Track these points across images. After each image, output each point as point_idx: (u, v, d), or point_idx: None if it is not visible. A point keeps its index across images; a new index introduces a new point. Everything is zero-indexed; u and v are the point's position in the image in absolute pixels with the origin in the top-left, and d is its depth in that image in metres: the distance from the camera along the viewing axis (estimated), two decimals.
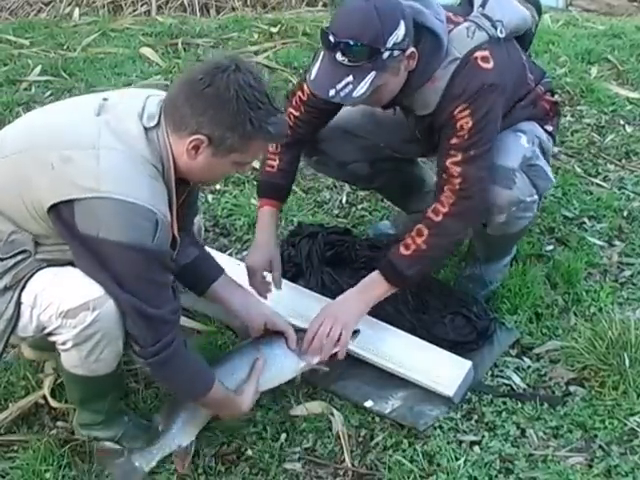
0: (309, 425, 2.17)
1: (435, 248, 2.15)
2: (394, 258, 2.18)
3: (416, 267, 2.16)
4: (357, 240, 2.72)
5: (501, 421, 2.18)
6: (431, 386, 2.22)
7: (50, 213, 1.70)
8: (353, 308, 2.22)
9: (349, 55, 1.96)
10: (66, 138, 1.74)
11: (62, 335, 1.78)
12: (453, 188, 2.11)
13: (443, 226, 2.13)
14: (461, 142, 2.10)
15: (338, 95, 2.00)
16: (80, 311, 1.73)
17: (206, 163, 1.79)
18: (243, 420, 2.14)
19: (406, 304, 2.46)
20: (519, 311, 2.52)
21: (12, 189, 1.75)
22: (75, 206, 1.66)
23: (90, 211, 1.66)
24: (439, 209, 2.13)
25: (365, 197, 3.17)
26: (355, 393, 2.24)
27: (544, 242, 2.84)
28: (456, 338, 2.35)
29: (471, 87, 2.07)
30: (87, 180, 1.67)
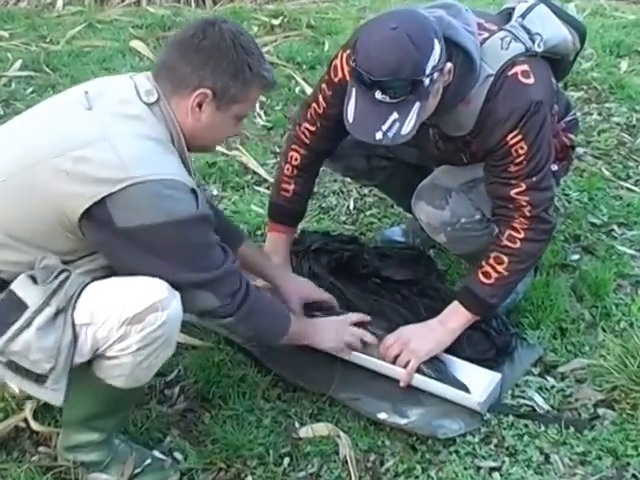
0: (314, 448, 2.18)
1: (517, 273, 2.26)
2: (475, 287, 2.27)
3: (499, 294, 2.28)
4: (365, 248, 2.74)
5: (523, 446, 2.18)
6: (457, 396, 2.24)
7: (82, 221, 1.71)
8: (428, 337, 2.29)
9: (390, 92, 1.93)
10: (69, 140, 1.75)
11: (121, 343, 1.79)
12: (525, 214, 2.19)
13: (523, 251, 2.22)
14: (520, 170, 2.15)
15: (386, 137, 1.97)
16: (147, 314, 1.77)
17: (210, 121, 1.87)
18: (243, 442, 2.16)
19: (418, 317, 2.47)
20: (542, 326, 2.53)
21: (25, 213, 1.75)
22: (108, 203, 1.68)
23: (127, 202, 1.69)
24: (515, 236, 2.21)
25: (374, 203, 3.19)
26: (367, 405, 2.26)
27: (569, 251, 2.86)
28: (473, 355, 2.36)
29: (518, 110, 2.09)
30: (112, 172, 1.69)
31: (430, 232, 2.41)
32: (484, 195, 2.30)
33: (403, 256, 2.76)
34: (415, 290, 2.59)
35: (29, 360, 1.74)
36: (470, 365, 2.33)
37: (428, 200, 2.35)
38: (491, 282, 2.24)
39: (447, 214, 2.33)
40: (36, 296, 1.74)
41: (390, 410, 2.24)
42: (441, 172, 2.40)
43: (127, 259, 1.77)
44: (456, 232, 2.35)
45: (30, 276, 1.76)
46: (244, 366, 2.41)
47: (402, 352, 2.27)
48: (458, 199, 2.33)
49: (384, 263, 2.69)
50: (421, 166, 2.55)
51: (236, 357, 2.41)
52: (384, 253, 2.75)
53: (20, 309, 1.74)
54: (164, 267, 1.77)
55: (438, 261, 2.81)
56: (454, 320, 2.31)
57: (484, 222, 2.35)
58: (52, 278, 1.75)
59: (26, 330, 1.73)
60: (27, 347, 1.73)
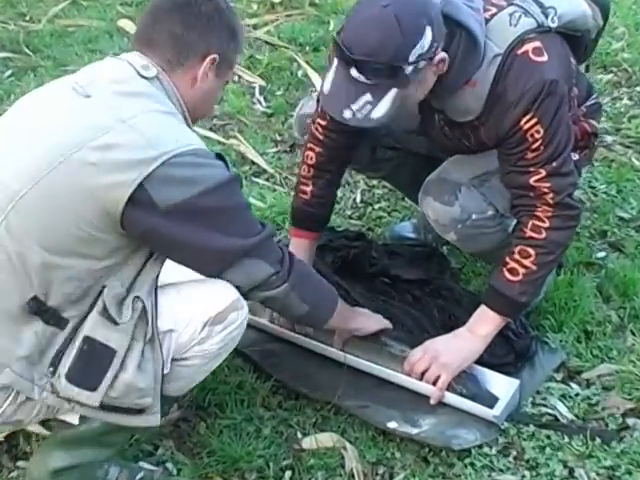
0: (318, 461, 2.18)
1: (546, 265, 2.24)
2: (502, 287, 2.25)
3: (529, 290, 2.26)
4: (373, 245, 2.75)
5: (545, 458, 2.18)
6: (472, 406, 2.24)
7: (125, 211, 1.71)
8: (459, 348, 2.28)
9: (366, 73, 1.96)
10: (83, 131, 1.74)
11: (203, 345, 1.89)
12: (547, 202, 2.19)
13: (550, 241, 2.21)
14: (539, 156, 2.15)
15: (355, 117, 2.01)
16: (229, 313, 1.89)
17: (210, 89, 1.94)
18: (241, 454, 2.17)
19: (431, 319, 2.48)
20: (565, 328, 2.53)
21: (58, 220, 1.72)
22: (146, 185, 1.70)
23: (164, 179, 1.71)
24: (539, 225, 2.20)
25: (383, 195, 3.20)
26: (376, 413, 2.27)
27: (595, 248, 2.86)
28: (490, 360, 2.36)
29: (531, 90, 2.08)
30: (143, 152, 1.71)
31: (439, 230, 2.39)
32: (497, 189, 2.31)
33: (414, 253, 2.76)
34: (427, 290, 2.59)
35: (129, 400, 1.81)
36: (486, 371, 2.33)
37: (436, 195, 2.33)
38: (519, 279, 2.23)
39: (457, 210, 2.31)
40: (120, 338, 1.77)
41: (400, 419, 2.24)
42: (450, 165, 2.39)
43: (176, 240, 1.78)
44: (467, 229, 2.34)
45: (101, 314, 1.77)
46: (242, 372, 2.41)
47: (431, 366, 2.26)
48: (468, 194, 2.32)
49: (393, 261, 2.69)
50: (431, 156, 2.56)
51: (234, 362, 2.41)
52: (393, 250, 2.76)
53: (107, 355, 1.77)
54: (214, 238, 1.80)
55: (452, 259, 2.81)
56: (484, 326, 2.29)
57: (497, 218, 2.35)
58: (130, 312, 1.78)
59: (122, 374, 1.78)
60: (127, 390, 1.79)
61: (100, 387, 1.76)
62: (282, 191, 3.22)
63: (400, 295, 2.58)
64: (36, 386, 1.77)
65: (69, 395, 1.77)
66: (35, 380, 1.76)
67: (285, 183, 3.29)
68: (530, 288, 2.25)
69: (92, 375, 1.77)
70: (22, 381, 1.75)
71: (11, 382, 1.75)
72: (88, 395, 1.77)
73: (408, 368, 2.29)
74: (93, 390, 1.77)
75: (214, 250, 1.82)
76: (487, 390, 2.28)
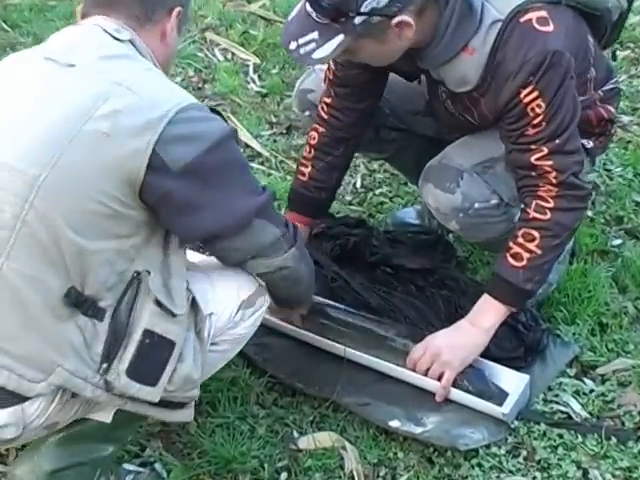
0: (316, 462, 2.18)
1: (551, 250, 2.23)
2: (505, 273, 2.24)
3: (534, 277, 2.24)
4: (374, 232, 2.74)
5: (557, 459, 2.18)
6: (479, 403, 2.24)
7: (145, 179, 1.72)
8: (461, 342, 2.28)
9: (316, 10, 2.00)
10: (83, 102, 1.74)
11: (236, 329, 2.01)
12: (551, 181, 2.18)
13: (555, 223, 2.20)
14: (540, 133, 2.14)
15: (297, 51, 2.04)
16: (257, 296, 2.01)
17: (172, 45, 1.97)
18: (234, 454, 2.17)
19: (436, 311, 2.48)
20: (578, 320, 2.53)
21: (81, 200, 1.72)
22: (157, 148, 1.71)
23: (172, 139, 1.73)
24: (543, 206, 2.19)
25: (385, 180, 3.19)
26: (377, 412, 2.26)
27: (610, 235, 2.86)
28: (499, 354, 2.35)
29: (532, 61, 2.07)
30: (150, 113, 1.73)
31: (440, 218, 2.39)
32: (502, 177, 2.30)
33: (417, 241, 2.76)
34: (431, 280, 2.58)
35: (181, 394, 1.86)
36: (494, 366, 2.32)
37: (436, 182, 2.33)
38: (523, 264, 2.22)
39: (458, 198, 2.30)
40: (178, 330, 1.82)
41: (403, 417, 2.24)
42: (452, 150, 2.38)
43: (190, 202, 1.79)
44: (469, 219, 2.33)
45: (157, 306, 1.79)
46: (235, 367, 2.40)
47: (433, 364, 2.26)
48: (471, 181, 2.31)
49: (396, 250, 2.69)
50: (437, 139, 2.56)
51: None
52: (396, 238, 2.75)
53: (167, 348, 1.81)
54: (227, 198, 1.83)
55: (458, 247, 2.81)
56: (487, 317, 2.28)
57: (502, 207, 2.34)
58: (185, 303, 1.84)
59: (179, 366, 1.82)
60: (184, 383, 1.84)
61: (160, 382, 1.79)
62: (278, 175, 3.22)
63: (403, 285, 2.58)
64: (89, 384, 1.76)
65: (129, 392, 1.78)
66: (88, 378, 1.76)
67: (281, 167, 3.28)
68: (535, 274, 2.24)
69: (153, 370, 1.80)
70: (75, 380, 1.74)
71: (64, 381, 1.74)
72: (148, 391, 1.79)
73: (410, 366, 2.30)
74: (153, 385, 1.79)
75: (228, 210, 1.83)
76: (495, 386, 2.27)
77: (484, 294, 2.30)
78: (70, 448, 1.95)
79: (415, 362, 2.28)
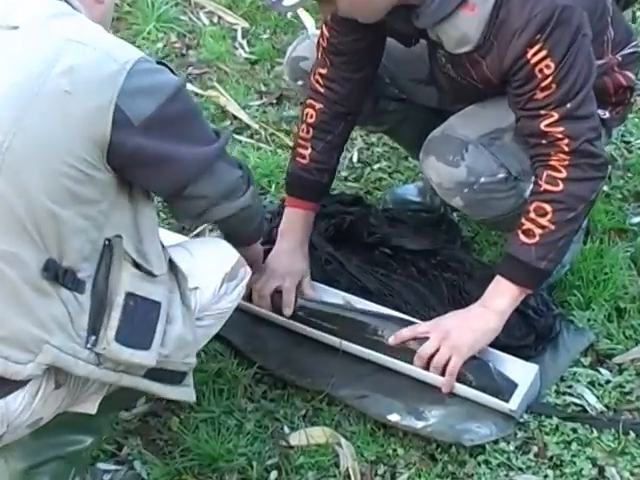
0: (308, 459, 2.18)
1: (566, 225, 2.22)
2: (517, 251, 2.24)
3: (549, 255, 2.23)
4: (372, 211, 2.74)
5: (570, 455, 2.18)
6: (484, 398, 2.23)
7: (112, 137, 1.75)
8: (471, 326, 2.28)
9: None
10: (37, 62, 1.75)
11: (220, 304, 2.08)
12: (563, 149, 2.17)
13: (569, 194, 2.19)
14: (550, 96, 2.12)
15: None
16: (239, 268, 2.11)
17: (108, 11, 2.00)
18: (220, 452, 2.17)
19: (439, 295, 2.47)
20: (594, 305, 2.52)
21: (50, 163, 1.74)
22: (119, 102, 1.75)
23: (132, 92, 1.77)
24: (555, 176, 2.18)
25: (384, 154, 3.18)
26: (375, 405, 2.26)
27: (629, 212, 2.85)
28: (507, 341, 2.35)
29: (538, 17, 2.05)
30: (107, 66, 1.76)
31: (443, 195, 2.38)
32: (510, 149, 2.30)
33: (419, 220, 2.75)
34: (434, 262, 2.58)
35: (178, 359, 1.91)
36: (502, 355, 2.32)
37: (439, 155, 2.31)
38: (535, 241, 2.20)
39: (463, 172, 2.29)
40: (161, 290, 1.87)
41: (403, 410, 2.24)
42: (456, 120, 2.37)
43: (157, 159, 1.85)
44: (475, 194, 2.31)
45: (136, 268, 1.84)
46: (221, 357, 2.40)
47: (441, 347, 2.25)
48: (477, 154, 2.29)
49: (395, 229, 2.69)
50: (440, 111, 2.54)
51: (211, 346, 2.39)
52: (395, 217, 2.75)
53: (153, 309, 1.86)
54: (189, 147, 1.89)
55: (463, 226, 2.81)
56: (500, 299, 2.27)
57: (510, 181, 2.32)
58: (163, 264, 1.89)
59: (170, 326, 1.88)
60: (178, 344, 1.89)
61: (153, 344, 1.83)
62: (268, 149, 3.20)
63: (403, 268, 2.58)
64: (80, 360, 1.78)
65: (121, 358, 1.80)
66: (77, 353, 1.78)
67: (271, 140, 3.26)
68: (549, 252, 2.22)
69: (143, 332, 1.83)
70: (64, 356, 1.76)
71: (54, 359, 1.75)
72: (143, 355, 1.82)
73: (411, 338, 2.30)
74: (147, 349, 1.83)
75: (192, 158, 1.89)
76: (502, 378, 2.27)
77: (496, 276, 2.29)
78: (46, 441, 1.96)
79: (416, 335, 2.29)
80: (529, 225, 2.21)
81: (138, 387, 1.88)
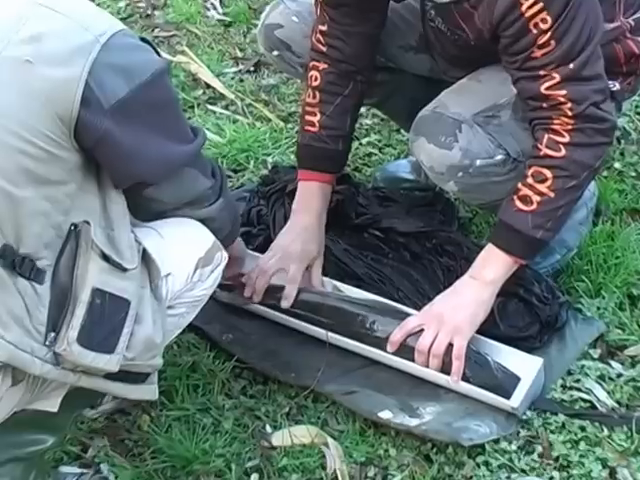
0: (292, 461, 2.19)
1: (567, 193, 2.23)
2: (512, 218, 2.25)
3: (547, 224, 2.24)
4: (360, 189, 2.75)
5: (578, 456, 2.19)
6: (483, 394, 2.25)
7: (80, 115, 1.75)
8: (463, 302, 2.30)
9: None
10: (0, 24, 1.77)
11: (193, 291, 2.07)
12: (566, 113, 2.17)
13: (571, 160, 2.20)
14: (548, 55, 2.13)
15: None
16: (214, 252, 2.09)
17: None
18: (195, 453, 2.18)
19: (434, 282, 2.49)
20: (604, 292, 2.54)
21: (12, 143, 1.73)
22: (90, 78, 1.73)
23: (105, 69, 1.75)
24: (557, 141, 2.19)
25: (373, 127, 3.20)
26: (365, 401, 2.27)
27: None
28: (509, 332, 2.37)
29: None
30: (79, 37, 1.75)
31: (435, 179, 2.40)
32: (509, 128, 2.31)
33: (412, 200, 2.77)
34: (429, 246, 2.60)
35: (142, 362, 1.89)
36: (502, 347, 2.33)
37: (430, 136, 2.32)
38: (532, 208, 2.22)
39: (456, 155, 2.30)
40: (132, 286, 1.86)
41: (396, 407, 2.25)
42: (448, 97, 2.38)
43: (121, 148, 1.83)
44: (470, 178, 2.33)
45: (105, 261, 1.82)
46: (196, 350, 2.42)
47: (438, 334, 2.26)
48: (471, 134, 2.30)
49: (387, 209, 2.70)
50: (433, 80, 2.57)
51: (185, 338, 2.41)
52: (387, 196, 2.76)
53: (122, 308, 1.84)
54: (160, 142, 1.89)
55: (460, 206, 2.82)
56: (490, 268, 2.30)
57: (509, 163, 2.33)
58: (135, 256, 1.88)
59: (138, 328, 1.86)
60: (145, 347, 1.88)
61: (118, 347, 1.82)
62: (245, 122, 3.21)
63: (395, 252, 2.59)
64: (37, 359, 1.77)
65: (83, 363, 1.80)
66: (35, 351, 1.76)
67: (249, 112, 3.28)
68: (547, 221, 2.23)
69: (108, 334, 1.81)
70: (20, 354, 1.75)
71: (9, 357, 1.74)
72: (107, 359, 1.81)
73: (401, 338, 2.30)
74: (111, 352, 1.81)
75: (160, 156, 1.89)
76: (503, 373, 2.28)
77: (488, 244, 2.31)
78: (3, 440, 1.95)
79: (409, 332, 2.29)
80: (526, 191, 2.22)
81: (97, 388, 1.88)
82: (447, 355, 2.25)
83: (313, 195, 2.53)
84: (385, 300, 2.43)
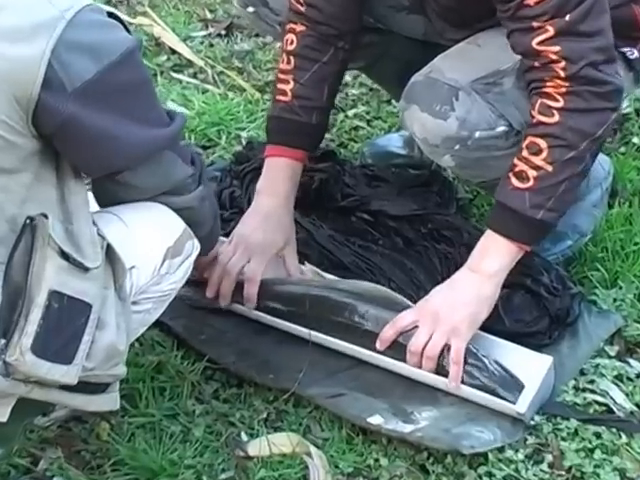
0: (271, 473, 2.18)
1: (566, 166, 2.21)
2: (507, 198, 2.24)
3: (547, 203, 2.23)
4: (347, 168, 2.76)
5: (593, 466, 2.19)
6: (485, 398, 2.25)
7: (40, 98, 1.75)
8: (464, 298, 2.29)
9: None
10: None
11: (161, 285, 2.08)
12: (559, 75, 2.16)
13: (566, 128, 2.18)
14: (542, 3, 2.12)
15: None
16: (185, 241, 2.09)
17: None
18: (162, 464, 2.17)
19: (430, 272, 2.50)
20: (621, 282, 2.55)
21: None
22: (53, 57, 1.74)
23: (70, 47, 1.76)
24: (550, 106, 2.18)
25: (360, 97, 3.21)
26: (353, 405, 2.27)
27: None
28: (514, 328, 2.38)
29: None
30: (43, 11, 1.76)
31: (429, 153, 2.41)
32: (511, 96, 2.31)
33: (405, 179, 2.78)
34: (424, 230, 2.61)
35: (103, 372, 1.88)
36: (507, 344, 2.34)
37: (423, 104, 2.32)
38: (529, 185, 2.21)
39: (453, 125, 2.30)
40: (93, 287, 1.84)
41: (387, 411, 2.25)
42: (443, 61, 2.37)
43: (91, 134, 1.84)
44: (469, 152, 2.33)
45: (64, 259, 1.80)
46: (162, 349, 2.42)
47: (433, 334, 2.26)
48: (470, 102, 2.31)
49: (376, 190, 2.71)
50: (428, 44, 2.57)
51: (149, 335, 2.41)
52: (376, 174, 2.77)
53: (82, 312, 1.82)
54: (136, 128, 1.90)
55: (459, 186, 2.84)
56: (489, 258, 2.29)
57: (512, 136, 2.33)
58: (99, 252, 1.87)
59: (100, 334, 1.85)
60: (107, 356, 1.87)
61: (77, 357, 1.80)
62: (216, 92, 3.22)
63: (385, 238, 2.61)
64: None
65: (37, 374, 1.78)
66: None
67: (220, 81, 3.29)
68: (547, 200, 2.22)
69: (67, 342, 1.80)
70: None
71: None
72: (64, 371, 1.79)
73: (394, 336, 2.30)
74: (68, 362, 1.80)
75: (135, 140, 1.90)
76: (508, 373, 2.28)
77: (486, 230, 2.30)
78: None
79: (401, 330, 2.29)
80: (522, 166, 2.21)
81: (50, 400, 1.88)
82: (443, 357, 2.25)
83: (280, 174, 2.52)
84: (379, 287, 2.41)
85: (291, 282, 2.46)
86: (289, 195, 2.52)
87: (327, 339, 2.37)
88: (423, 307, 2.31)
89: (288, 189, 2.52)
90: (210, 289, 2.43)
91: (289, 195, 2.52)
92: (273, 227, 2.48)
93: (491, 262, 2.29)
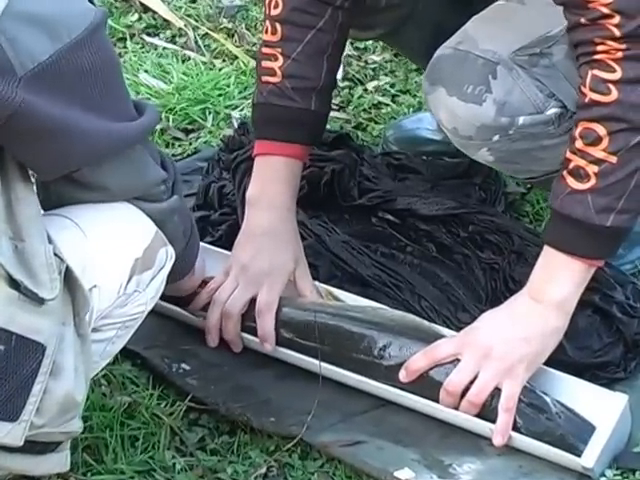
0: None
1: (634, 154, 2.17)
2: (566, 207, 2.22)
3: (617, 204, 2.20)
4: (366, 156, 2.79)
5: None
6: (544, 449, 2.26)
7: None
8: (523, 333, 2.29)
9: None
10: None
11: (125, 308, 2.09)
12: (613, 35, 2.13)
13: (626, 105, 2.14)
14: None
15: None
16: (157, 249, 2.10)
17: None
18: None
19: (472, 288, 2.53)
20: None
21: None
22: (2, 39, 1.76)
23: (18, 20, 1.78)
24: (604, 79, 2.14)
25: (382, 65, 3.25)
26: (376, 456, 2.28)
27: None
28: (579, 358, 2.40)
29: None
30: None
31: (461, 146, 2.39)
32: (563, 68, 2.29)
33: (440, 169, 2.82)
34: (464, 234, 2.63)
35: (54, 429, 1.90)
36: (570, 379, 2.35)
37: (451, 85, 2.31)
38: (591, 185, 2.18)
39: (490, 111, 2.29)
40: (49, 324, 1.85)
41: (420, 463, 2.27)
42: (476, 27, 2.35)
43: (47, 125, 1.85)
44: (511, 144, 2.33)
45: (14, 289, 1.81)
46: (134, 387, 2.43)
47: (480, 372, 2.27)
48: (511, 81, 2.29)
49: (403, 183, 2.74)
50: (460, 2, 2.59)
51: (118, 371, 2.44)
52: (403, 164, 2.80)
53: (33, 356, 1.83)
54: (100, 119, 1.92)
55: (508, 179, 2.86)
56: (556, 282, 2.27)
57: (566, 119, 2.31)
58: (56, 278, 1.87)
59: (54, 384, 1.86)
60: (61, 410, 1.89)
61: (25, 412, 1.83)
62: (200, 60, 3.26)
63: (415, 244, 2.62)
64: None
65: None
66: None
67: (205, 46, 3.33)
68: (616, 199, 2.19)
69: (12, 394, 1.82)
70: None
71: None
72: (7, 430, 1.82)
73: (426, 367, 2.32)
74: (14, 420, 1.82)
75: (102, 133, 1.93)
76: (572, 417, 2.29)
77: (544, 246, 2.28)
78: None
79: (437, 362, 2.30)
80: (578, 161, 2.19)
81: None
82: (490, 399, 2.26)
83: (275, 177, 2.51)
84: (402, 313, 2.42)
85: (296, 306, 2.46)
86: (289, 204, 2.52)
87: (342, 373, 2.37)
88: (468, 337, 2.31)
89: (287, 197, 2.52)
90: (210, 336, 2.45)
91: (289, 204, 2.52)
92: (277, 248, 2.48)
93: (557, 288, 2.27)
